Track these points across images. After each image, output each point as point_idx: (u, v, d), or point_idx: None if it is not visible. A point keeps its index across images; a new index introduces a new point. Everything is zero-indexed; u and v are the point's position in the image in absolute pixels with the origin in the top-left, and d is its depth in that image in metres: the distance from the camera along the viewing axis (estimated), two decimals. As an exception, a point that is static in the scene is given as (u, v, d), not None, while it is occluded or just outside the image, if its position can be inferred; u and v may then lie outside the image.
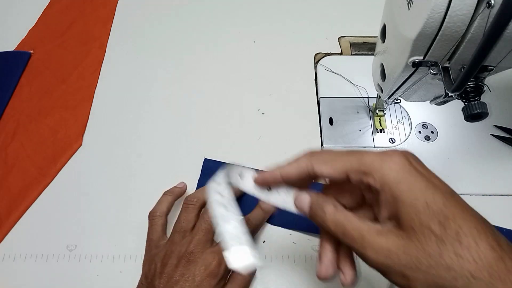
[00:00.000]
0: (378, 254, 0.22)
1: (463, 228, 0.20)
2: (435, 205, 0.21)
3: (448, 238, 0.20)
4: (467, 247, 0.20)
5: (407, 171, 0.22)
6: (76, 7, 0.61)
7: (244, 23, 0.58)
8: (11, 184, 0.44)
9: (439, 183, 0.23)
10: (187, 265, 0.33)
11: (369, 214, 0.25)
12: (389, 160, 0.23)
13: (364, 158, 0.23)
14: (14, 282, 0.38)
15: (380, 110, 0.46)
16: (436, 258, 0.20)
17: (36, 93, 0.51)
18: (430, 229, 0.21)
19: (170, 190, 0.40)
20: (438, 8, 0.25)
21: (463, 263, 0.20)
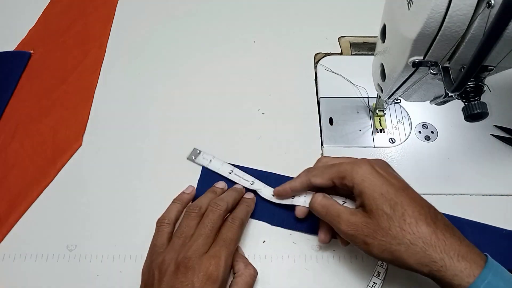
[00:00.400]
0: (348, 227, 0.32)
1: (407, 211, 0.30)
2: (388, 195, 0.30)
3: (395, 217, 0.30)
4: (409, 224, 0.29)
5: (369, 173, 0.32)
6: (76, 7, 0.61)
7: (244, 23, 0.58)
8: (11, 184, 0.44)
9: (395, 181, 0.32)
10: (185, 272, 0.32)
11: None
12: (357, 167, 0.32)
13: (340, 168, 0.34)
14: (14, 282, 0.38)
15: (380, 110, 0.46)
16: (386, 230, 0.30)
17: (36, 93, 0.51)
18: (383, 210, 0.30)
19: (179, 198, 0.40)
20: (438, 8, 0.25)
21: (405, 234, 0.29)
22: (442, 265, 0.28)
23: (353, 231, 0.31)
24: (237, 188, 0.41)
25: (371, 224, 0.30)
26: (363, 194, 0.31)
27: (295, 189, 0.38)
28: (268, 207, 0.41)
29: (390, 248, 0.29)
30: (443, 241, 0.28)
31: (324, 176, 0.35)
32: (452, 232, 0.29)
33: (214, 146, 0.46)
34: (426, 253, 0.28)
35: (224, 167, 0.43)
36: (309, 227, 0.40)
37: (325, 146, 0.45)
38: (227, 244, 0.35)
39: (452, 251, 0.28)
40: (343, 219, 0.32)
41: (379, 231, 0.30)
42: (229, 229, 0.36)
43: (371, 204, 0.31)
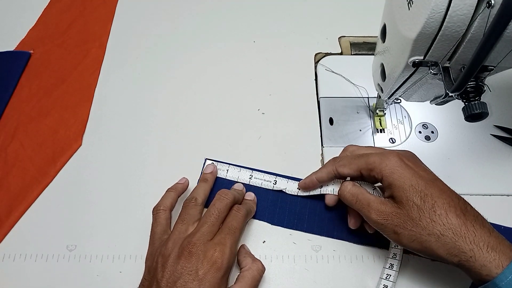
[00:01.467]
0: (379, 216, 0.32)
1: (437, 202, 0.30)
2: (418, 186, 0.31)
3: (426, 208, 0.30)
4: (439, 215, 0.30)
5: (398, 165, 0.32)
6: (76, 7, 0.61)
7: (244, 23, 0.58)
8: (11, 184, 0.44)
9: (424, 174, 0.32)
10: (189, 257, 0.32)
11: None
12: (385, 159, 0.33)
13: (369, 159, 0.34)
14: (14, 282, 0.38)
15: (380, 110, 0.46)
16: (416, 221, 0.30)
17: (36, 93, 0.51)
18: (413, 201, 0.31)
19: (173, 187, 0.40)
20: (438, 8, 0.25)
21: (435, 225, 0.29)
22: (471, 256, 0.28)
23: (383, 220, 0.32)
24: (238, 190, 0.41)
25: (401, 215, 0.31)
26: (393, 186, 0.32)
27: (322, 180, 0.38)
28: (268, 207, 0.41)
29: (420, 239, 0.30)
30: (473, 232, 0.28)
31: (351, 167, 0.35)
32: (481, 224, 0.29)
33: (214, 146, 0.46)
34: (455, 243, 0.28)
35: (242, 174, 0.43)
36: (309, 227, 0.40)
37: (325, 146, 0.45)
38: (232, 232, 0.35)
39: (481, 242, 0.28)
40: (373, 208, 0.32)
41: (409, 221, 0.30)
42: (234, 218, 0.36)
43: (401, 195, 0.31)
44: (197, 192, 0.39)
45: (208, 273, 0.31)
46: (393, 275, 0.35)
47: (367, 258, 0.38)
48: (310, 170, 0.44)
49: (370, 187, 0.36)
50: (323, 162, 0.44)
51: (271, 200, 0.41)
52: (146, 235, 0.40)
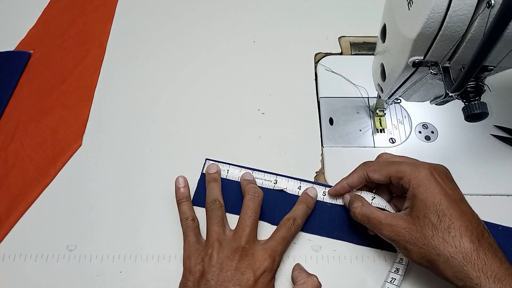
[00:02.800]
0: (390, 232, 0.32)
1: (454, 224, 0.30)
2: (439, 205, 0.31)
3: (441, 228, 0.30)
4: (453, 237, 0.29)
5: (427, 179, 0.32)
6: (76, 7, 0.61)
7: (244, 23, 0.58)
8: (11, 184, 0.44)
9: (451, 192, 0.32)
10: (240, 259, 0.34)
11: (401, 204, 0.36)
12: (416, 170, 0.33)
13: (400, 167, 0.34)
14: (14, 282, 0.38)
15: (380, 110, 0.46)
16: (428, 239, 0.30)
17: (36, 93, 0.51)
18: (430, 219, 0.31)
19: (180, 196, 0.40)
20: (438, 8, 0.25)
21: (446, 246, 0.29)
22: (477, 283, 0.28)
23: (395, 236, 0.32)
24: (250, 180, 0.41)
25: (414, 231, 0.31)
26: (416, 198, 0.32)
27: (353, 185, 0.38)
28: (269, 207, 0.41)
29: (430, 257, 0.30)
30: (484, 260, 0.28)
31: (382, 173, 0.35)
32: (494, 253, 0.29)
33: (214, 146, 0.46)
34: (463, 268, 0.28)
35: (242, 174, 0.43)
36: (309, 227, 0.40)
37: (325, 146, 0.45)
38: (284, 243, 0.37)
39: (490, 272, 0.28)
40: (385, 225, 0.33)
41: (421, 238, 0.30)
42: (289, 231, 0.37)
43: (419, 210, 0.31)
44: (214, 193, 0.40)
45: (262, 276, 0.34)
46: (397, 279, 0.35)
47: (367, 258, 0.38)
48: (310, 170, 0.44)
49: (370, 195, 0.37)
50: (323, 162, 0.44)
51: (271, 200, 0.41)
52: (146, 236, 0.40)
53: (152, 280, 0.38)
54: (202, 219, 0.39)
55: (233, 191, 0.42)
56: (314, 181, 0.43)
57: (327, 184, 0.42)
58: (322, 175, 0.43)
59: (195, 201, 0.41)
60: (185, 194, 0.40)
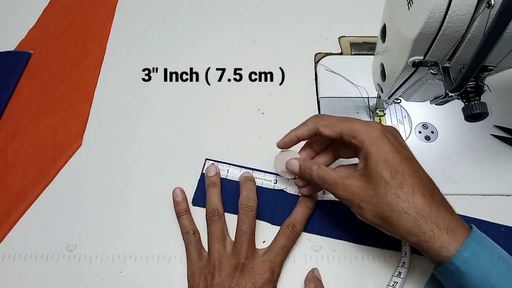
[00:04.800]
0: (345, 191, 0.32)
1: (406, 180, 0.30)
2: (392, 162, 0.31)
3: (393, 184, 0.30)
4: (405, 192, 0.30)
5: (380, 138, 0.32)
6: (76, 7, 0.61)
7: (244, 23, 0.58)
8: (11, 184, 0.44)
9: (403, 150, 0.32)
10: (241, 275, 0.34)
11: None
12: (370, 130, 0.32)
13: (354, 126, 0.33)
14: (14, 282, 0.38)
15: (380, 110, 0.46)
16: (381, 196, 0.30)
17: (36, 93, 0.51)
18: (382, 176, 0.31)
19: (180, 210, 0.40)
20: (438, 8, 0.25)
21: (399, 201, 0.30)
22: (430, 236, 0.28)
23: (350, 195, 0.32)
24: (248, 177, 0.41)
25: (367, 189, 0.31)
26: (368, 157, 0.32)
27: (302, 137, 0.37)
28: (269, 207, 0.41)
29: (383, 214, 0.30)
30: (436, 213, 0.29)
31: (334, 129, 0.34)
32: (445, 207, 0.30)
33: (214, 146, 0.46)
34: (416, 223, 0.29)
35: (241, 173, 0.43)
36: (309, 227, 0.40)
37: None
38: (284, 252, 0.37)
39: (442, 224, 0.29)
40: (339, 185, 0.33)
41: (375, 196, 0.31)
42: (288, 239, 0.37)
43: (372, 169, 0.31)
44: (213, 202, 0.39)
45: (263, 286, 0.34)
46: (399, 283, 0.36)
47: (367, 258, 0.38)
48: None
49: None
50: (323, 162, 0.44)
51: (271, 200, 0.41)
52: (146, 236, 0.40)
53: (152, 280, 0.38)
54: (202, 219, 0.40)
55: (233, 191, 0.42)
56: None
57: None
58: (322, 175, 0.43)
59: (195, 201, 0.42)
60: (183, 207, 0.40)
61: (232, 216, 0.40)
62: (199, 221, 0.40)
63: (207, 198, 0.40)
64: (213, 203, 0.39)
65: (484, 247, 0.28)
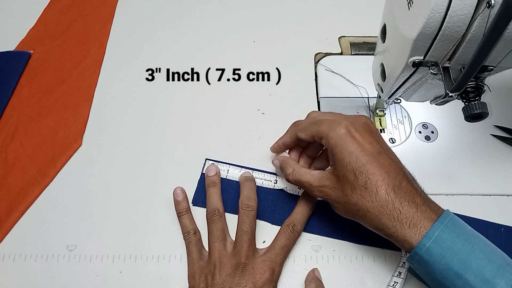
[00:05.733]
0: (319, 193, 0.34)
1: (370, 180, 0.31)
2: (355, 163, 0.32)
3: (358, 185, 0.31)
4: (370, 192, 0.31)
5: (343, 138, 0.32)
6: (76, 7, 0.61)
7: (244, 23, 0.58)
8: (11, 184, 0.44)
9: (369, 147, 0.32)
10: (241, 275, 0.34)
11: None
12: (333, 130, 0.33)
13: (320, 127, 0.34)
14: (14, 282, 0.38)
15: (380, 110, 0.46)
16: (348, 197, 0.32)
17: (36, 93, 0.51)
18: (347, 178, 0.32)
19: (180, 209, 0.40)
20: (438, 8, 0.25)
21: (363, 201, 0.31)
22: (394, 232, 0.30)
23: (325, 196, 0.34)
24: (248, 177, 0.41)
25: (337, 190, 0.33)
26: (334, 158, 0.33)
27: (287, 144, 0.40)
28: (269, 207, 0.41)
29: (352, 212, 0.33)
30: (399, 209, 0.30)
31: (307, 132, 0.36)
32: (411, 199, 0.30)
33: (214, 146, 0.46)
34: (380, 220, 0.31)
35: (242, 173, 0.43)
36: (309, 226, 0.40)
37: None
38: (284, 252, 0.37)
39: (405, 219, 0.30)
40: (315, 187, 0.35)
41: (343, 196, 0.32)
42: (288, 239, 0.38)
43: (339, 170, 0.33)
44: (213, 201, 0.39)
45: (263, 286, 0.34)
46: (399, 283, 0.36)
47: (367, 258, 0.38)
48: (310, 170, 0.44)
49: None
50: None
51: (271, 200, 0.41)
52: (146, 236, 0.40)
53: (152, 280, 0.38)
54: (202, 219, 0.40)
55: (233, 191, 0.42)
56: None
57: None
58: (322, 175, 0.43)
59: (195, 201, 0.42)
60: (184, 207, 0.40)
61: (232, 216, 0.40)
62: (199, 221, 0.40)
63: (207, 198, 0.40)
64: (213, 203, 0.39)
65: (448, 234, 0.29)
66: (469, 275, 0.28)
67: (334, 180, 0.33)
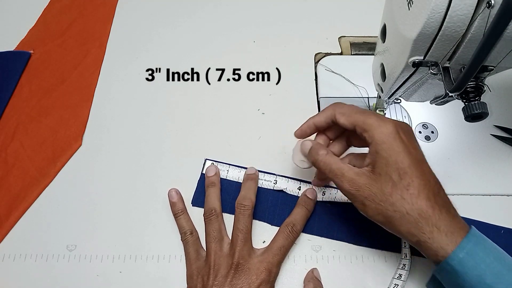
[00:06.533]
0: (351, 186, 0.32)
1: (414, 182, 0.30)
2: (401, 164, 0.30)
3: (400, 186, 0.30)
4: (410, 194, 0.30)
5: (392, 137, 0.31)
6: (76, 7, 0.61)
7: (244, 23, 0.58)
8: (11, 184, 0.44)
9: (414, 151, 0.32)
10: (236, 275, 0.34)
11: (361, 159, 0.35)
12: (382, 125, 0.32)
13: (368, 119, 0.32)
14: (14, 282, 0.38)
15: (381, 110, 0.46)
16: (387, 196, 0.30)
17: (36, 93, 0.51)
18: (391, 176, 0.30)
19: (177, 210, 0.40)
20: (438, 8, 0.25)
21: (403, 203, 0.30)
22: (430, 237, 0.29)
23: (355, 190, 0.32)
24: (250, 176, 0.41)
25: (374, 187, 0.31)
26: (378, 155, 0.31)
27: (319, 124, 0.36)
28: (268, 208, 0.41)
29: (386, 213, 0.31)
30: (438, 215, 0.29)
31: (349, 119, 0.34)
32: (448, 208, 0.30)
33: (214, 146, 0.46)
34: (418, 224, 0.29)
35: (242, 174, 0.43)
36: (309, 227, 0.40)
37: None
38: (282, 252, 0.37)
39: (442, 226, 0.29)
40: (347, 178, 0.32)
41: (380, 195, 0.31)
42: (287, 239, 0.37)
43: (381, 167, 0.31)
44: (211, 201, 0.40)
45: (260, 287, 0.34)
46: (400, 285, 0.36)
47: (367, 258, 0.38)
48: (310, 169, 0.44)
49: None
50: (323, 162, 0.44)
51: (271, 201, 0.41)
52: (146, 236, 0.40)
53: (152, 280, 0.38)
54: (201, 220, 0.40)
55: (233, 192, 0.42)
56: (314, 181, 0.43)
57: (326, 185, 0.42)
58: (322, 175, 0.43)
59: (195, 201, 0.42)
60: (180, 208, 0.40)
61: (232, 217, 0.40)
62: (199, 221, 0.40)
63: (206, 197, 0.40)
64: (211, 203, 0.39)
65: (480, 247, 0.28)
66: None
67: (371, 177, 0.31)
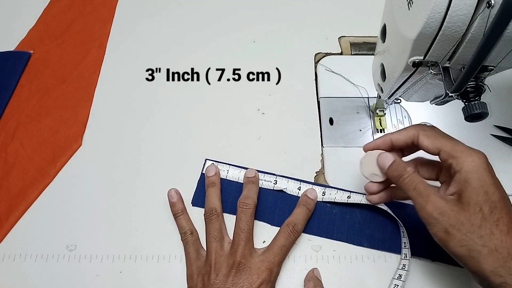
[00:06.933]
0: (435, 209, 0.30)
1: (503, 218, 0.28)
2: (493, 196, 0.29)
3: (490, 219, 0.28)
4: (501, 230, 0.28)
5: (483, 167, 0.30)
6: (76, 7, 0.61)
7: (244, 23, 0.57)
8: (11, 184, 0.44)
9: (501, 187, 0.31)
10: (237, 274, 0.34)
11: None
12: (473, 154, 0.31)
13: (457, 146, 0.31)
14: (14, 282, 0.38)
15: (381, 110, 0.46)
16: (475, 227, 0.28)
17: (36, 93, 0.51)
18: (481, 208, 0.29)
19: (176, 210, 0.40)
20: (438, 8, 0.25)
21: (493, 238, 0.28)
22: None
23: (439, 215, 0.29)
24: (251, 179, 0.41)
25: (461, 216, 0.29)
26: (468, 184, 0.30)
27: (397, 142, 0.34)
28: (268, 208, 0.41)
29: (472, 246, 0.28)
30: None
31: (435, 142, 0.32)
32: None
33: (214, 146, 0.46)
34: (506, 263, 0.27)
35: (243, 174, 0.43)
36: (309, 228, 0.40)
37: (325, 146, 0.45)
38: (283, 252, 0.37)
39: None
40: (432, 200, 0.30)
41: (467, 225, 0.28)
42: (288, 238, 0.37)
43: (471, 197, 0.29)
44: (212, 201, 0.40)
45: (261, 286, 0.34)
46: (400, 285, 0.36)
47: (367, 258, 0.38)
48: (310, 170, 0.44)
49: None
50: (323, 162, 0.44)
51: (271, 201, 0.41)
52: (146, 236, 0.40)
53: (152, 280, 0.38)
54: (201, 220, 0.40)
55: (233, 192, 0.42)
56: (314, 181, 0.43)
57: (327, 185, 0.42)
58: (322, 175, 0.43)
59: (195, 201, 0.42)
60: (179, 208, 0.40)
61: (232, 217, 0.40)
62: (199, 221, 0.40)
63: (206, 197, 0.40)
64: (211, 203, 0.39)
65: None
66: None
67: (458, 206, 0.29)
